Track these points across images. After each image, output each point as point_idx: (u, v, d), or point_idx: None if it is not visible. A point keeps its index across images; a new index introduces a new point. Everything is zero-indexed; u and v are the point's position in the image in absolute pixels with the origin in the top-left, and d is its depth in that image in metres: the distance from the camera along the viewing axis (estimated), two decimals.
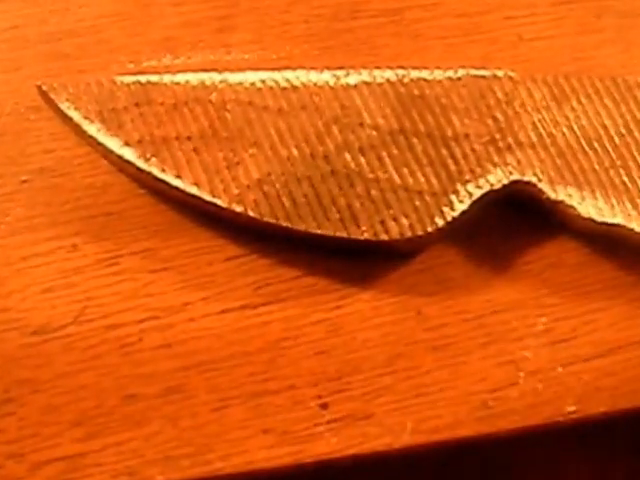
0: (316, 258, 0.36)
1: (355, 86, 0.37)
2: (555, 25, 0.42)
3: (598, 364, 0.36)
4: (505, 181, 0.36)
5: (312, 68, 0.38)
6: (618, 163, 0.37)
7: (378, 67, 0.38)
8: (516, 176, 0.36)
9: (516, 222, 0.38)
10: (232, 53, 0.41)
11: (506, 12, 0.42)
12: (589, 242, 0.38)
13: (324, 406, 0.34)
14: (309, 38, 0.42)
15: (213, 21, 0.42)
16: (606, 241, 0.37)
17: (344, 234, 0.35)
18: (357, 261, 0.36)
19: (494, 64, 0.40)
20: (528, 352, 0.36)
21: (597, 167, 0.37)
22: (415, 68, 0.38)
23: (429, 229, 0.35)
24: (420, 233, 0.35)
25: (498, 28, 0.41)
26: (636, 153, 0.37)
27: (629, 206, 0.36)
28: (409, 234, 0.35)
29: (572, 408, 0.34)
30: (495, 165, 0.36)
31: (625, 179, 0.37)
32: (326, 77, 0.38)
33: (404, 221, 0.35)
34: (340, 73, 0.38)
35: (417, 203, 0.35)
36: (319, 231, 0.35)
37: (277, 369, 0.34)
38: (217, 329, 0.35)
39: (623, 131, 0.38)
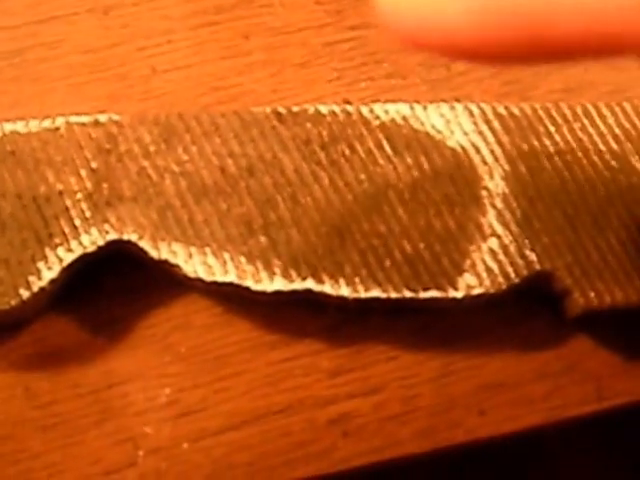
0: None
1: None
2: (194, 52, 0.37)
3: (231, 437, 0.32)
4: (100, 242, 0.32)
5: None
6: (234, 211, 0.33)
7: None
8: (113, 235, 0.32)
9: (138, 281, 0.34)
10: None
11: (139, 42, 0.37)
12: (221, 300, 0.34)
13: None
14: None
15: None
16: (240, 299, 0.33)
17: None
18: None
19: (122, 103, 0.36)
20: (149, 428, 0.32)
21: (209, 218, 0.32)
22: (9, 121, 0.33)
23: (12, 302, 0.31)
24: (4, 307, 0.31)
25: (129, 62, 0.36)
26: (249, 199, 0.33)
27: (243, 260, 0.32)
28: None
29: None
30: (90, 224, 0.32)
31: (244, 230, 0.32)
32: None
33: None
34: None
35: (1, 273, 0.32)
36: None
37: None
38: None
39: (245, 174, 0.33)
